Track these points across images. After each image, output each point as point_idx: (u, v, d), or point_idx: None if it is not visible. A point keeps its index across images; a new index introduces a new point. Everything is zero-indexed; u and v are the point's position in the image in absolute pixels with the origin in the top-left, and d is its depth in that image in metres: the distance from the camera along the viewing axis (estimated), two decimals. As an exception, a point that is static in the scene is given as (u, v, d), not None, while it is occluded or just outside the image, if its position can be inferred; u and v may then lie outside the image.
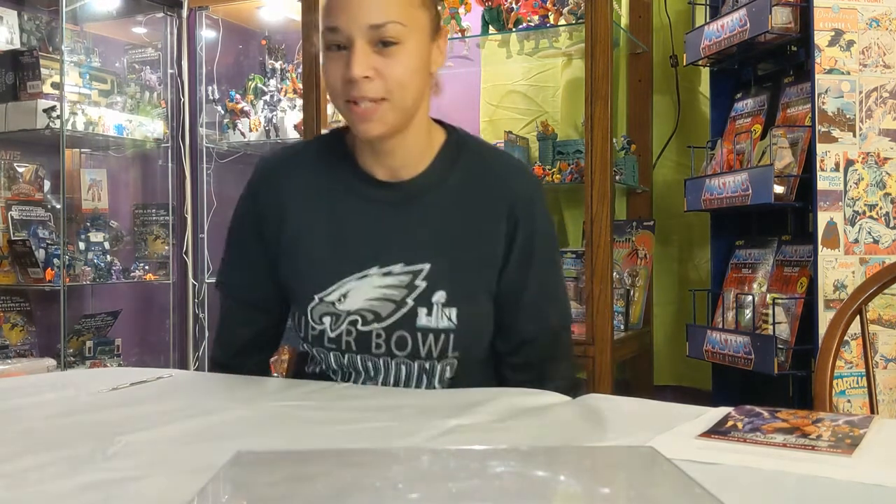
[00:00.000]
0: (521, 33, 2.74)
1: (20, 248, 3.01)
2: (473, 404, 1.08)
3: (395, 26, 1.14)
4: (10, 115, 2.99)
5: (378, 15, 1.14)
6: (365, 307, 1.24)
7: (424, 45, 1.19)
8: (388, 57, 1.15)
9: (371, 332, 1.24)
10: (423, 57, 1.19)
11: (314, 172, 1.30)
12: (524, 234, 1.26)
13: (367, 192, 1.27)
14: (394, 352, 1.25)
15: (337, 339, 1.26)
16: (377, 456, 0.79)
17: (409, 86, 1.17)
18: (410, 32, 1.16)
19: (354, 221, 1.27)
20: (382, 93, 1.15)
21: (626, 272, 2.71)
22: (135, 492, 0.75)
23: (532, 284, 1.28)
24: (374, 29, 1.14)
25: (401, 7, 1.15)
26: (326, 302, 1.25)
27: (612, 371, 2.33)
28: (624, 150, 2.65)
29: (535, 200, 1.29)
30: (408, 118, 1.21)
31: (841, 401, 1.98)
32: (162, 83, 3.46)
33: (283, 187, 1.30)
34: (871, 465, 0.77)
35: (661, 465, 0.72)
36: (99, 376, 1.53)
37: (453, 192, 1.27)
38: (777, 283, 2.21)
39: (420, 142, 1.26)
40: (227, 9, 3.46)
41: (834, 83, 2.04)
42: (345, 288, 1.24)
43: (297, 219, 1.28)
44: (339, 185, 1.28)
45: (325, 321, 1.25)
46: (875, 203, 2.05)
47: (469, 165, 1.28)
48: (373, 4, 1.15)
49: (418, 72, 1.18)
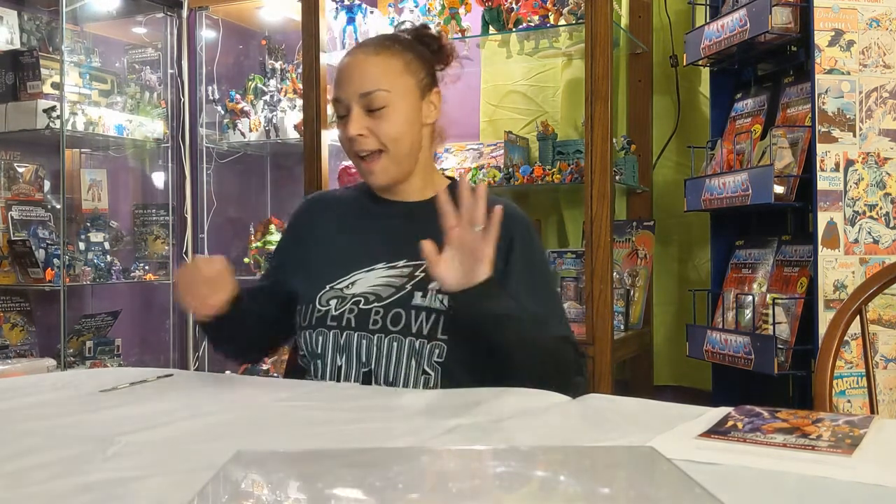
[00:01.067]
0: (521, 33, 2.74)
1: (20, 248, 3.01)
2: (473, 404, 1.08)
3: (381, 93, 1.41)
4: (10, 115, 2.99)
5: (366, 85, 1.41)
6: (368, 291, 1.41)
7: (412, 103, 1.45)
8: (378, 118, 1.41)
9: (371, 309, 1.40)
10: (413, 113, 1.45)
11: (341, 199, 1.58)
12: (521, 253, 1.41)
13: (378, 208, 1.51)
14: (388, 327, 1.38)
15: (339, 316, 1.40)
16: (377, 456, 0.79)
17: (400, 139, 1.43)
18: (396, 96, 1.42)
19: (366, 230, 1.50)
20: (377, 146, 1.42)
21: (626, 272, 2.71)
22: (135, 492, 0.75)
23: (530, 287, 1.40)
24: (364, 97, 1.41)
25: (385, 77, 1.41)
26: (336, 289, 1.43)
27: (612, 371, 2.33)
28: (624, 150, 2.65)
29: (529, 231, 1.47)
30: (409, 166, 1.47)
31: (841, 401, 1.98)
32: (162, 83, 3.46)
33: (315, 207, 1.59)
34: (871, 465, 0.77)
35: (661, 465, 0.72)
36: (99, 376, 1.53)
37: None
38: (777, 283, 2.21)
39: (422, 180, 1.51)
40: (227, 9, 3.45)
41: (834, 83, 2.04)
42: (354, 278, 1.43)
43: (319, 231, 1.53)
44: (358, 206, 1.54)
45: (332, 303, 1.42)
46: (875, 203, 2.05)
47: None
48: (363, 77, 1.42)
49: (408, 126, 1.44)
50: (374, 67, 1.42)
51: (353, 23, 2.79)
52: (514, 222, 1.43)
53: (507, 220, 1.39)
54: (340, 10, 2.82)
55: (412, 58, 1.45)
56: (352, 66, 1.44)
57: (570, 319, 2.49)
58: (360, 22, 2.81)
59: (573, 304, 2.54)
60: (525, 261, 1.42)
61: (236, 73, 3.52)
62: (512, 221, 1.42)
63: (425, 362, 1.35)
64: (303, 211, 1.60)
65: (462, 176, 1.31)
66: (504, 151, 2.72)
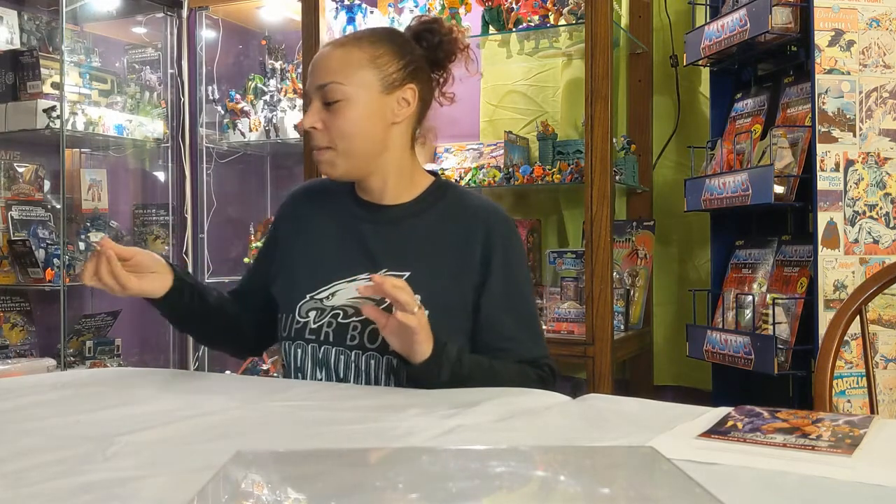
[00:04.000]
0: (521, 33, 2.74)
1: (20, 248, 3.01)
2: (473, 404, 1.08)
3: (335, 86, 1.36)
4: (10, 115, 2.99)
5: (324, 77, 1.37)
6: (348, 303, 1.38)
7: (372, 99, 1.38)
8: (332, 112, 1.37)
9: (349, 324, 1.38)
10: (371, 109, 1.38)
11: (324, 196, 1.51)
12: (500, 269, 1.38)
13: (359, 213, 1.46)
14: (366, 344, 1.36)
15: (318, 329, 1.39)
16: (377, 456, 0.79)
17: (353, 135, 1.37)
18: (352, 90, 1.36)
19: (348, 235, 1.45)
20: (327, 142, 1.38)
21: (626, 272, 2.71)
22: (135, 492, 0.75)
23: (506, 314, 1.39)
24: (321, 89, 1.37)
25: (343, 70, 1.37)
26: (316, 299, 1.40)
27: (612, 371, 2.33)
28: (624, 150, 2.65)
29: (510, 236, 1.44)
30: (364, 162, 1.40)
31: (841, 401, 1.98)
32: (162, 83, 3.46)
33: (298, 207, 1.54)
34: (871, 465, 0.77)
35: (661, 465, 0.72)
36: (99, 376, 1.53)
37: (435, 220, 1.43)
38: (777, 283, 2.21)
39: (399, 181, 1.45)
40: (227, 9, 3.46)
41: (834, 83, 2.04)
42: (335, 288, 1.40)
43: (300, 233, 1.49)
44: (338, 208, 1.49)
45: (311, 314, 1.40)
46: (875, 203, 2.05)
47: (450, 202, 1.46)
48: (322, 69, 1.38)
49: (364, 123, 1.37)
50: (334, 60, 1.38)
51: (353, 22, 2.79)
52: (494, 228, 1.41)
53: (487, 225, 1.41)
54: (340, 10, 2.82)
55: (383, 52, 1.39)
56: (317, 59, 1.41)
57: (570, 319, 2.51)
58: (360, 22, 2.81)
59: (573, 305, 2.54)
60: (505, 276, 1.39)
61: (236, 73, 3.52)
62: (494, 228, 1.41)
63: (404, 380, 1.33)
64: (287, 206, 1.56)
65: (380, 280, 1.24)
66: (504, 151, 2.72)
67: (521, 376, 1.34)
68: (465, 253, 1.39)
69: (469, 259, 1.38)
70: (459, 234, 1.40)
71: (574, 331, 2.49)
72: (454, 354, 1.27)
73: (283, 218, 1.55)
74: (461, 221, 1.42)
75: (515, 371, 1.34)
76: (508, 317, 1.39)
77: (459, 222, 1.42)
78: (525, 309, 1.42)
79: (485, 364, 1.32)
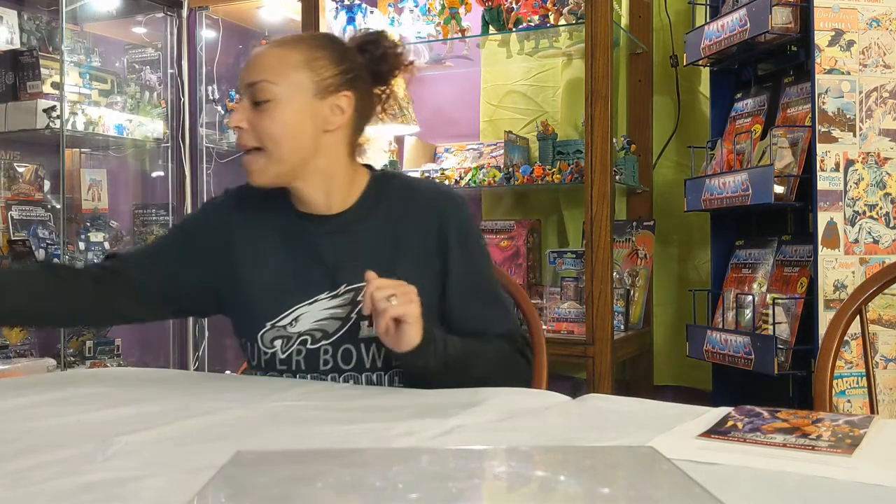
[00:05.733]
0: (521, 33, 2.74)
1: (20, 248, 3.00)
2: (473, 404, 1.08)
3: (265, 84, 1.29)
4: (10, 115, 2.99)
5: (253, 75, 1.31)
6: (314, 327, 1.34)
7: (304, 102, 1.31)
8: (260, 112, 1.30)
9: (319, 349, 1.33)
10: (302, 113, 1.31)
11: (260, 209, 1.41)
12: (459, 252, 1.36)
13: (306, 226, 1.38)
14: (340, 366, 1.33)
15: (287, 359, 1.34)
16: (377, 456, 0.79)
17: (280, 138, 1.30)
18: (283, 91, 1.30)
19: (298, 252, 1.38)
20: (256, 142, 1.31)
21: (626, 272, 2.71)
22: (135, 492, 0.74)
23: (473, 298, 1.37)
24: (250, 87, 1.31)
25: (275, 69, 1.31)
26: (278, 327, 1.35)
27: (612, 371, 2.34)
28: (624, 150, 2.65)
29: (462, 217, 1.40)
30: (292, 168, 1.33)
31: (841, 401, 1.98)
32: (162, 83, 3.46)
33: (234, 219, 1.42)
34: (871, 465, 0.77)
35: (661, 465, 0.72)
36: (99, 376, 1.53)
37: (383, 218, 1.38)
38: (777, 283, 2.21)
39: (336, 189, 1.37)
40: (227, 9, 3.46)
41: (834, 83, 2.04)
42: (296, 313, 1.34)
43: (245, 252, 1.39)
44: (281, 221, 1.40)
45: (276, 344, 1.35)
46: (875, 203, 2.05)
47: (395, 195, 1.40)
48: (254, 67, 1.32)
49: (293, 126, 1.31)
50: (268, 58, 1.32)
51: (353, 22, 2.79)
52: (447, 213, 1.38)
53: (437, 211, 1.38)
54: (340, 10, 2.82)
55: (321, 55, 1.33)
56: (252, 56, 1.35)
57: (570, 319, 2.51)
58: (360, 21, 2.81)
59: (573, 305, 2.54)
60: (464, 261, 1.37)
61: (236, 73, 3.50)
62: (445, 213, 1.38)
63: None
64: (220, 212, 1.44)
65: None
66: (504, 151, 2.72)
67: (499, 353, 1.34)
68: (421, 245, 1.36)
69: (426, 250, 1.35)
70: (412, 228, 1.37)
71: (574, 331, 2.49)
72: (441, 338, 1.26)
73: (217, 224, 1.42)
74: (411, 213, 1.38)
75: (494, 350, 1.34)
76: (475, 300, 1.37)
77: (410, 215, 1.38)
78: (489, 288, 1.40)
79: (471, 346, 1.31)
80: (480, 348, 1.33)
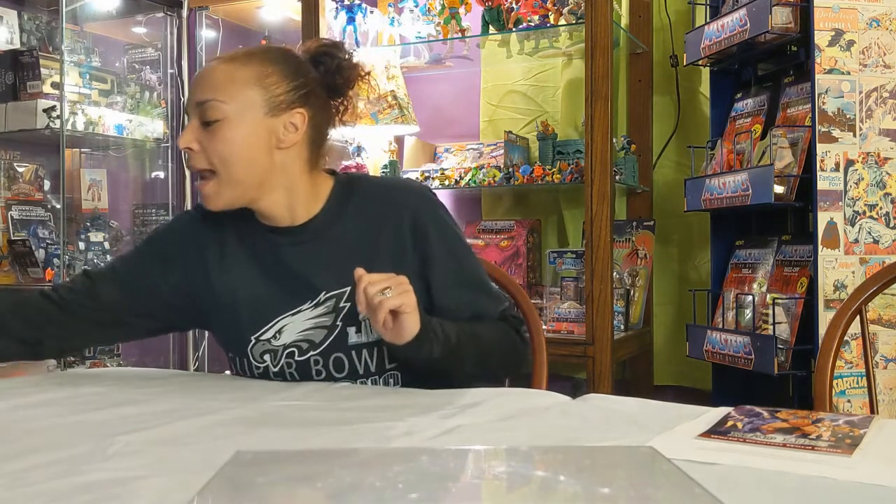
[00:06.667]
0: (521, 33, 2.74)
1: (20, 248, 3.00)
2: (473, 404, 1.08)
3: (215, 104, 1.25)
4: (10, 115, 2.98)
5: (202, 94, 1.27)
6: (299, 339, 1.31)
7: (255, 121, 1.27)
8: (211, 133, 1.26)
9: (309, 359, 1.31)
10: (254, 133, 1.27)
11: (228, 225, 1.37)
12: (437, 244, 1.33)
13: (276, 239, 1.35)
14: (334, 375, 1.31)
15: (280, 372, 1.33)
16: (377, 456, 0.79)
17: (232, 160, 1.26)
18: (234, 110, 1.25)
19: (274, 266, 1.34)
20: (206, 164, 1.27)
21: (626, 272, 2.71)
22: (135, 492, 0.75)
23: (460, 289, 1.35)
24: (199, 106, 1.26)
25: (225, 87, 1.26)
26: (263, 340, 1.33)
27: (612, 371, 2.34)
28: (624, 150, 2.65)
29: (433, 209, 1.37)
30: (247, 189, 1.29)
31: (841, 401, 1.98)
32: (162, 83, 3.46)
33: (204, 233, 1.38)
34: (871, 465, 0.77)
35: (661, 465, 0.72)
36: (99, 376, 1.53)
37: (353, 221, 1.35)
38: (777, 283, 2.21)
39: (297, 200, 1.33)
40: (227, 9, 3.46)
41: (834, 83, 2.04)
42: (279, 325, 1.32)
43: (219, 268, 1.36)
44: (250, 237, 1.36)
45: (266, 358, 1.33)
46: (875, 203, 2.05)
47: (362, 196, 1.37)
48: (203, 85, 1.28)
49: (245, 147, 1.26)
50: (218, 75, 1.27)
51: (353, 22, 2.80)
52: (420, 208, 1.35)
53: (408, 207, 1.35)
54: (340, 10, 2.82)
55: (272, 71, 1.28)
56: (200, 73, 1.31)
57: (570, 319, 2.51)
58: (360, 22, 2.81)
59: (573, 305, 2.54)
60: (446, 253, 1.34)
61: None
62: (418, 207, 1.35)
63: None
64: (187, 229, 1.40)
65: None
66: (504, 151, 2.72)
67: (496, 331, 1.33)
68: (397, 243, 1.33)
69: (403, 247, 1.33)
70: (385, 227, 1.34)
71: (574, 331, 2.49)
72: (437, 325, 1.24)
73: (188, 234, 1.39)
74: (383, 212, 1.35)
75: (490, 329, 1.32)
76: (463, 290, 1.35)
77: (381, 213, 1.35)
78: (475, 275, 1.38)
79: (467, 329, 1.29)
80: (478, 329, 1.31)
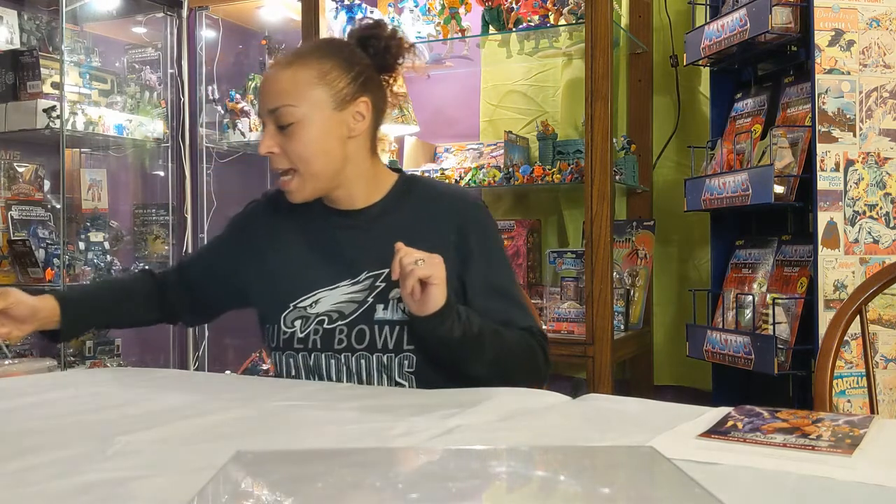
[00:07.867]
0: (521, 33, 2.74)
1: (20, 248, 3.00)
2: (473, 404, 1.08)
3: (288, 108, 1.34)
4: (10, 115, 2.99)
5: (274, 100, 1.35)
6: (332, 309, 1.39)
7: (327, 118, 1.36)
8: (287, 135, 1.35)
9: (335, 328, 1.38)
10: (327, 128, 1.37)
11: (290, 206, 1.46)
12: (477, 249, 1.40)
13: (333, 220, 1.46)
14: (354, 346, 1.37)
15: (305, 338, 1.39)
16: (377, 456, 0.79)
17: (311, 157, 1.36)
18: (306, 112, 1.35)
19: (324, 244, 1.45)
20: (288, 164, 1.37)
21: (626, 272, 2.71)
22: (135, 492, 0.75)
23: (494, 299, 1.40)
24: (272, 113, 1.35)
25: (293, 91, 1.35)
26: (299, 308, 1.41)
27: (612, 371, 2.34)
28: (624, 150, 2.65)
29: (481, 218, 1.46)
30: (327, 181, 1.40)
31: (841, 401, 1.98)
32: (162, 83, 3.46)
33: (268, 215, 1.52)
34: (871, 465, 0.77)
35: (661, 465, 0.72)
36: (99, 376, 1.53)
37: (407, 215, 1.44)
38: (777, 283, 2.21)
39: (364, 187, 1.44)
40: (227, 9, 3.46)
41: (834, 83, 2.04)
42: (318, 296, 1.41)
43: (274, 244, 1.48)
44: (311, 217, 1.47)
45: (296, 324, 1.40)
46: (875, 203, 2.05)
47: (420, 196, 1.47)
48: (271, 92, 1.36)
49: (321, 143, 1.36)
50: (282, 82, 1.36)
51: (353, 22, 2.79)
52: (469, 216, 1.43)
53: (458, 212, 1.43)
54: (340, 10, 2.82)
55: (331, 66, 1.37)
56: (265, 81, 1.39)
57: (570, 319, 2.51)
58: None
59: (573, 305, 2.54)
60: (485, 261, 1.41)
61: (236, 73, 3.52)
62: (467, 215, 1.43)
63: (396, 374, 1.35)
64: (258, 213, 1.55)
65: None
66: (504, 151, 2.72)
67: (519, 339, 1.36)
68: (440, 241, 1.37)
69: (445, 246, 1.37)
70: (432, 225, 1.41)
71: (574, 331, 2.49)
72: (463, 310, 1.29)
73: (256, 224, 1.53)
74: (433, 212, 1.43)
75: (513, 335, 1.36)
76: (496, 299, 1.40)
77: (431, 213, 1.43)
78: (510, 287, 1.44)
79: (491, 325, 1.33)
80: (501, 330, 1.35)
